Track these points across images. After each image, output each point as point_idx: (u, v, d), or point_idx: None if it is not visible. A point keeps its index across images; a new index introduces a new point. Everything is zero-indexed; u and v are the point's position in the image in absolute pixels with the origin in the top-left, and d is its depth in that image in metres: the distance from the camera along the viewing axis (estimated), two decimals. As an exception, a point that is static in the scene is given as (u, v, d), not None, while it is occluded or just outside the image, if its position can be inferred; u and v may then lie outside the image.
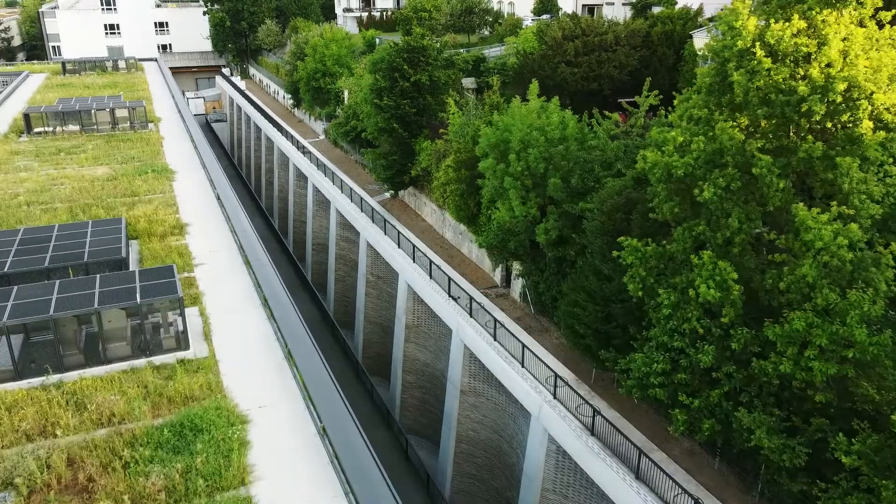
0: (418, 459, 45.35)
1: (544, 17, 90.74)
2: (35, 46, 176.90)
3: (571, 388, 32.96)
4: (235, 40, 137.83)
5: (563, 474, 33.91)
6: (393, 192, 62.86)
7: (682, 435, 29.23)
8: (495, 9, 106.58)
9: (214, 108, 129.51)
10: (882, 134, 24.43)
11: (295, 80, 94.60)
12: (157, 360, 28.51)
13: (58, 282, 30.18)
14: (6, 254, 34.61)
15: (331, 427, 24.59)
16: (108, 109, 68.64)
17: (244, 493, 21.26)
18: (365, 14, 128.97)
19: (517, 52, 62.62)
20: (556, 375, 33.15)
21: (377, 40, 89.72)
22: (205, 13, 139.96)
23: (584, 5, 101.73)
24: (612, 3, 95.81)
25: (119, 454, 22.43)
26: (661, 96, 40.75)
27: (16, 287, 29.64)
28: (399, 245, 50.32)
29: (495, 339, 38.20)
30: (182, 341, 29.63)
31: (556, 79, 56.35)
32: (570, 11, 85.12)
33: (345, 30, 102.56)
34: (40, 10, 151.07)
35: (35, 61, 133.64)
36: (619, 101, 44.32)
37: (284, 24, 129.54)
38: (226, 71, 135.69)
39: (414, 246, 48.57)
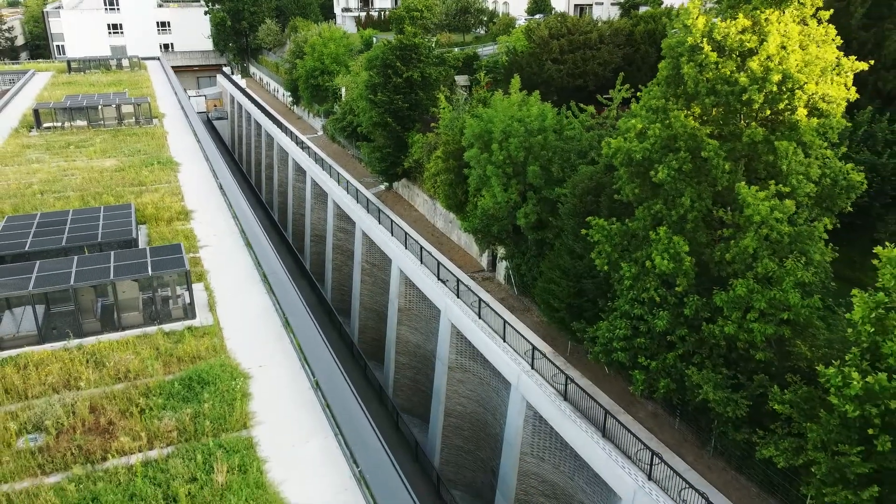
0: (409, 432, 48.22)
1: (537, 16, 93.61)
2: (38, 46, 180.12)
3: (548, 359, 35.93)
4: (236, 39, 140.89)
5: (540, 438, 36.83)
6: (387, 184, 65.88)
7: (642, 394, 32.21)
8: (490, 8, 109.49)
9: (216, 105, 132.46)
10: (815, 120, 27.44)
11: (294, 78, 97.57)
12: (167, 327, 31.53)
13: (76, 257, 33.25)
14: (26, 235, 37.62)
15: (323, 382, 27.64)
16: (113, 105, 71.71)
17: (246, 435, 24.28)
18: (363, 14, 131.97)
19: (507, 50, 65.59)
20: (534, 348, 36.06)
21: (374, 39, 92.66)
22: (206, 13, 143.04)
23: (575, 5, 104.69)
24: (602, 3, 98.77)
25: (135, 402, 25.47)
26: (631, 90, 43.64)
27: (38, 262, 32.66)
28: (392, 233, 53.22)
29: (480, 318, 41.09)
30: (189, 311, 32.64)
31: (543, 76, 59.23)
32: (561, 11, 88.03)
33: (343, 29, 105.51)
34: (45, 9, 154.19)
35: (41, 60, 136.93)
36: (597, 96, 47.22)
37: (284, 23, 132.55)
38: (227, 70, 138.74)
39: (406, 233, 51.47)
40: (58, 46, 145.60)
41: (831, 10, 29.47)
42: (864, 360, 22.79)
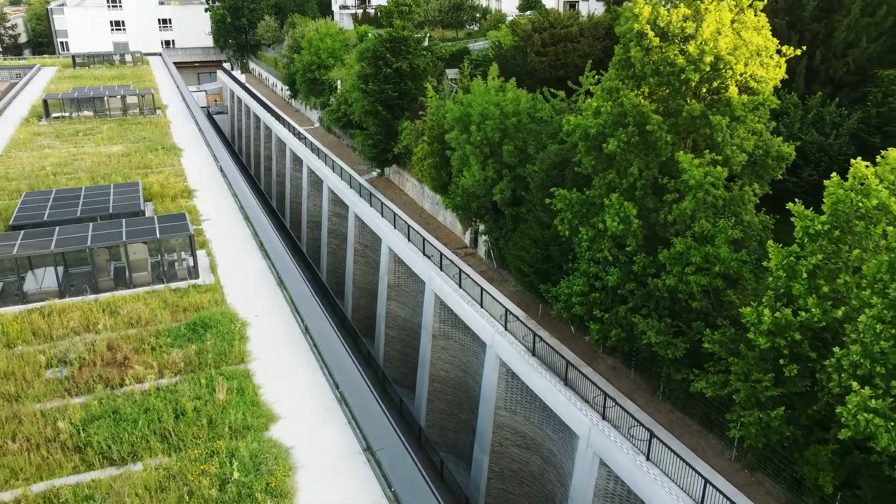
0: (397, 395, 52.00)
1: (528, 13, 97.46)
2: (41, 43, 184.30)
3: (520, 321, 39.74)
4: (236, 36, 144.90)
5: (512, 392, 40.66)
6: (379, 171, 69.78)
7: (597, 343, 36.11)
8: (484, 5, 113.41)
9: (216, 100, 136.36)
10: (745, 97, 31.34)
11: (292, 72, 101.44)
12: (173, 285, 35.48)
13: (91, 224, 37.21)
14: (44, 207, 41.59)
15: (312, 327, 31.59)
16: (119, 97, 75.70)
17: (243, 368, 28.22)
18: (360, 11, 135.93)
19: (493, 44, 69.50)
20: (507, 311, 39.90)
21: (368, 34, 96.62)
22: (206, 10, 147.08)
23: (565, 1, 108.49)
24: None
25: (147, 342, 29.45)
26: (598, 77, 47.39)
27: (57, 228, 36.61)
28: (382, 214, 57.08)
29: (460, 287, 44.92)
30: (193, 272, 36.59)
31: (526, 67, 63.10)
32: (551, 7, 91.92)
33: (339, 25, 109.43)
34: (49, 7, 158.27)
35: (46, 56, 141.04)
36: (567, 83, 51.01)
37: (282, 20, 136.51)
38: (227, 65, 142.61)
39: (395, 214, 55.33)
40: (62, 43, 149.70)
41: (765, 1, 33.30)
42: (779, 302, 26.64)
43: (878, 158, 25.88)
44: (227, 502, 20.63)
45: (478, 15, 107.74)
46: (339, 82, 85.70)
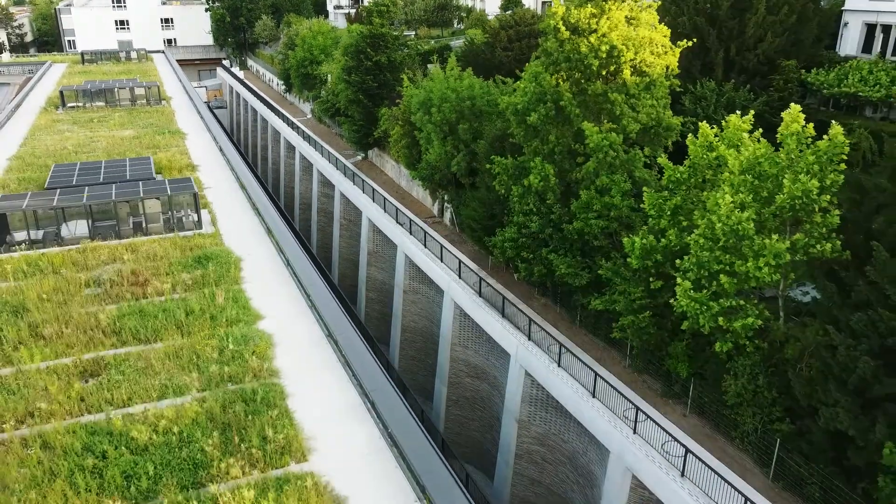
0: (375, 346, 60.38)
1: (508, 12, 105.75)
2: (46, 42, 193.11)
3: (472, 270, 48.12)
4: (235, 35, 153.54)
5: (464, 330, 49.00)
6: (363, 154, 78.26)
7: (525, 280, 44.54)
8: (469, 5, 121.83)
9: (216, 96, 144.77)
10: (637, 79, 39.77)
11: (287, 67, 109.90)
12: (181, 234, 43.97)
13: (113, 184, 45.72)
14: (72, 175, 50.15)
15: (294, 263, 40.11)
16: (128, 88, 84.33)
17: (238, 287, 36.70)
18: (353, 11, 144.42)
19: (466, 40, 77.96)
20: (461, 262, 48.26)
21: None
22: (206, 10, 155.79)
23: (542, 2, 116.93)
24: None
25: (162, 269, 37.93)
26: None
27: (86, 187, 45.09)
28: (363, 191, 65.53)
29: (426, 247, 53.30)
30: (197, 224, 45.09)
31: (494, 61, 71.52)
32: (529, 6, 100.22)
33: (330, 24, 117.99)
34: (57, 7, 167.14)
35: (56, 53, 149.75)
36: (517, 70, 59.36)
37: (279, 19, 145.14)
38: (226, 63, 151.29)
39: (374, 190, 63.77)
40: (69, 41, 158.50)
41: (658, 3, 41.74)
42: (651, 235, 35.03)
43: (723, 123, 34.32)
44: (224, 361, 29.15)
45: (463, 15, 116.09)
46: (329, 76, 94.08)
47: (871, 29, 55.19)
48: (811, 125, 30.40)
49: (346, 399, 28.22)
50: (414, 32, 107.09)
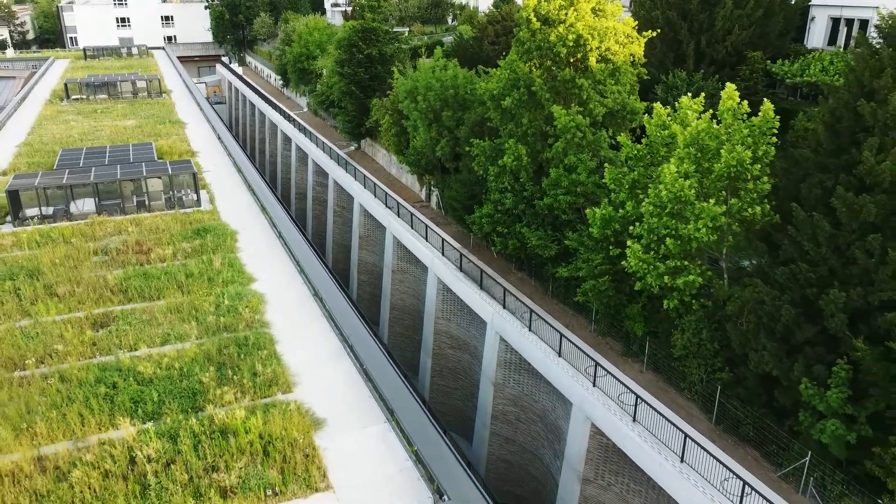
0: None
1: (496, 8, 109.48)
2: (48, 39, 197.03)
3: (454, 248, 51.67)
4: (233, 32, 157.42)
5: (447, 303, 52.53)
6: (356, 144, 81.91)
7: (499, 254, 48.13)
8: (462, 2, 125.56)
9: (215, 91, 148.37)
10: (602, 65, 43.35)
11: (284, 63, 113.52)
12: (182, 211, 47.58)
13: (118, 165, 49.36)
14: (79, 157, 53.82)
15: (285, 234, 43.78)
16: (130, 81, 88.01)
17: (233, 255, 40.36)
18: (349, 9, 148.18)
19: (456, 35, 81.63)
20: (444, 241, 51.80)
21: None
22: (206, 7, 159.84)
23: None
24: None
25: (164, 239, 41.55)
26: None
27: (93, 168, 48.73)
28: (355, 178, 69.11)
29: (412, 228, 56.87)
30: (196, 203, 48.71)
31: (482, 55, 75.17)
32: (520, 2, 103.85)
33: (328, 21, 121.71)
34: (59, 4, 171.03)
35: (59, 49, 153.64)
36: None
37: (277, 17, 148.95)
38: (225, 59, 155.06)
39: (365, 176, 67.35)
40: (71, 38, 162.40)
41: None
42: (611, 206, 38.59)
43: (677, 104, 37.85)
44: (220, 313, 32.81)
45: (457, 12, 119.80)
46: (325, 70, 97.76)
47: (836, 23, 58.89)
48: (745, 102, 34.00)
49: (329, 345, 31.91)
50: (408, 29, 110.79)
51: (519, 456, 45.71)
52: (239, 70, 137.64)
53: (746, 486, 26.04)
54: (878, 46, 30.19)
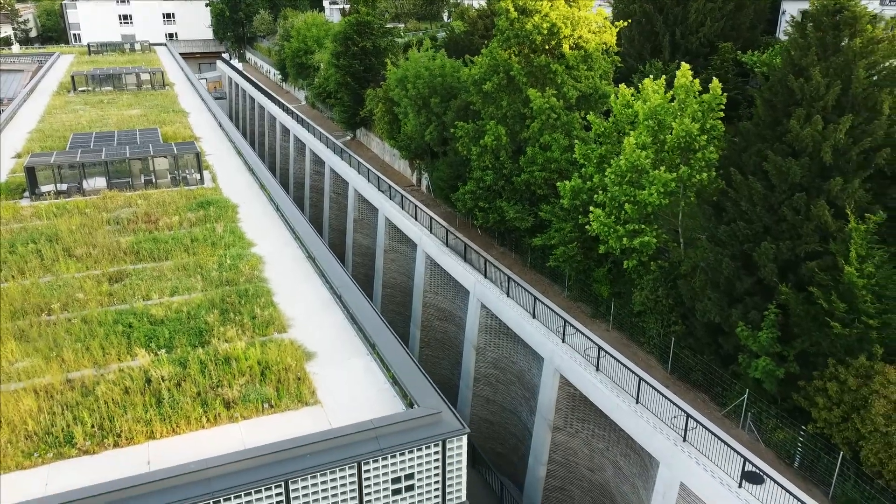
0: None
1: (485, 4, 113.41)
2: (50, 37, 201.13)
3: (441, 225, 55.56)
4: (234, 28, 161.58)
5: (434, 278, 56.39)
6: (351, 134, 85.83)
7: (481, 227, 52.00)
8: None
9: (216, 87, 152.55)
10: (576, 52, 47.24)
11: (283, 58, 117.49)
12: (186, 188, 51.50)
13: (127, 146, 53.26)
14: (89, 140, 57.72)
15: (281, 205, 47.70)
16: (134, 74, 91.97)
17: (234, 225, 44.30)
18: (347, 6, 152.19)
19: (447, 30, 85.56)
20: (431, 219, 55.71)
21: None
22: (207, 5, 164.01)
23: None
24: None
25: (171, 211, 45.48)
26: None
27: (103, 147, 52.65)
28: (350, 164, 73.02)
29: (403, 209, 60.78)
30: (200, 181, 52.62)
31: (472, 48, 79.07)
32: None
33: (326, 18, 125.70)
34: (63, 2, 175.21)
35: (63, 45, 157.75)
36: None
37: (276, 14, 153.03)
38: (225, 56, 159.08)
39: (359, 162, 71.25)
40: (74, 35, 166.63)
41: (597, -12, 49.20)
42: (580, 179, 42.44)
43: (640, 86, 41.66)
44: (223, 270, 36.79)
45: (452, 9, 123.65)
46: (322, 64, 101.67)
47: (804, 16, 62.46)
48: (697, 80, 37.94)
49: (321, 299, 35.89)
50: (403, 25, 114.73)
51: (499, 415, 49.54)
52: (239, 66, 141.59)
53: (690, 420, 29.87)
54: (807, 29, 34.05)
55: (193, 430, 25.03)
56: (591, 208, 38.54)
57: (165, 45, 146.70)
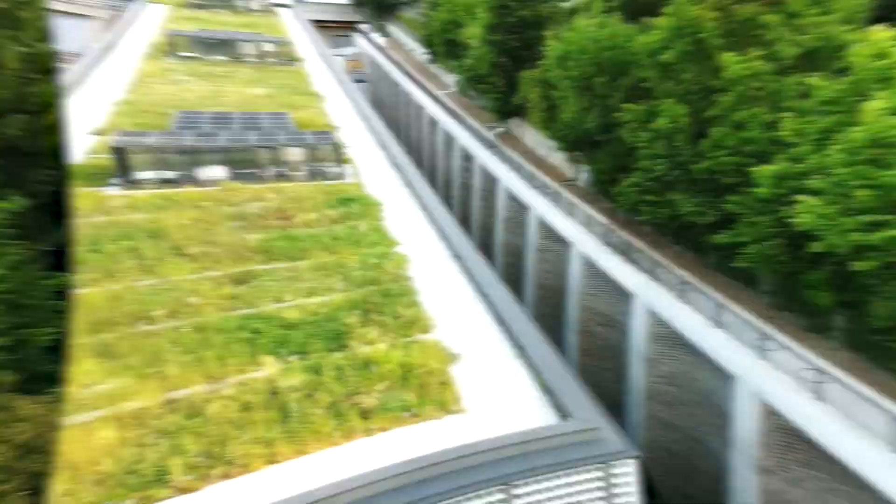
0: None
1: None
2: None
3: (601, 223, 55.08)
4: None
5: (590, 279, 55.71)
6: (503, 126, 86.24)
7: (650, 226, 51.38)
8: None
9: (355, 67, 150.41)
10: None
11: (430, 32, 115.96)
12: (324, 183, 53.56)
13: (253, 131, 55.55)
14: (201, 120, 59.82)
15: (427, 203, 49.82)
16: (254, 43, 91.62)
17: (378, 223, 47.23)
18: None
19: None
20: (589, 216, 55.38)
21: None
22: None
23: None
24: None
25: (308, 206, 47.50)
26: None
27: (222, 130, 55.19)
28: (501, 160, 73.95)
29: (557, 206, 60.76)
30: (339, 176, 54.56)
31: (656, 10, 75.49)
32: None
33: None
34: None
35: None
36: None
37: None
38: (364, 27, 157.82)
39: (510, 157, 72.00)
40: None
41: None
42: (787, 161, 39.90)
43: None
44: (365, 269, 38.88)
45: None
46: (473, 41, 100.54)
47: None
48: None
49: (467, 299, 38.69)
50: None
51: (682, 444, 47.71)
52: (381, 41, 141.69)
53: None
54: None
55: (323, 447, 26.02)
56: (799, 197, 36.32)
57: (290, 6, 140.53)
